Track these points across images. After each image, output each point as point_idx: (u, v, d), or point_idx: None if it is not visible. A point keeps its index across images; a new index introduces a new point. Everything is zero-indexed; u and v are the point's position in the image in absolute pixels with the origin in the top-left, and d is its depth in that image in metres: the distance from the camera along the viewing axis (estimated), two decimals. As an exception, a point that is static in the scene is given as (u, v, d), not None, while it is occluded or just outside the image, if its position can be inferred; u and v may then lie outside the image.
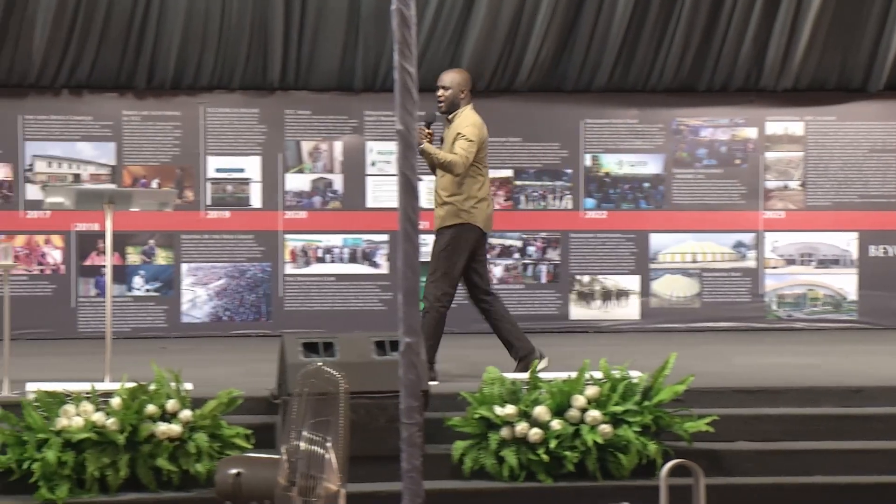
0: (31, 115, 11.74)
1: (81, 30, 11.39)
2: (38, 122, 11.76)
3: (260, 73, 11.97)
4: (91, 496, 6.78)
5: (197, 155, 12.01)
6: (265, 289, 12.07)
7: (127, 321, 11.71)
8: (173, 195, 9.04)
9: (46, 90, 11.73)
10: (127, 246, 11.87)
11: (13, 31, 11.29)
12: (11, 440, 6.80)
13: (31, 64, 11.47)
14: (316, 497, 5.01)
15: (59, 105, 11.77)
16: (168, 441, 6.92)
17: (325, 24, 11.74)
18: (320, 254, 12.18)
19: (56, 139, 11.77)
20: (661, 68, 12.30)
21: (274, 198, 12.09)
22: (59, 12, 11.22)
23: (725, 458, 7.46)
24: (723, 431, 7.47)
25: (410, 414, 4.80)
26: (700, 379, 7.70)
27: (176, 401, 7.03)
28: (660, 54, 12.24)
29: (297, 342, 7.29)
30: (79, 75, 11.71)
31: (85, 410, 6.90)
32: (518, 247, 12.40)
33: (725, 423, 7.50)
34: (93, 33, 11.43)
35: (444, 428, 7.26)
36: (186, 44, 11.63)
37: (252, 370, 8.86)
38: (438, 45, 11.91)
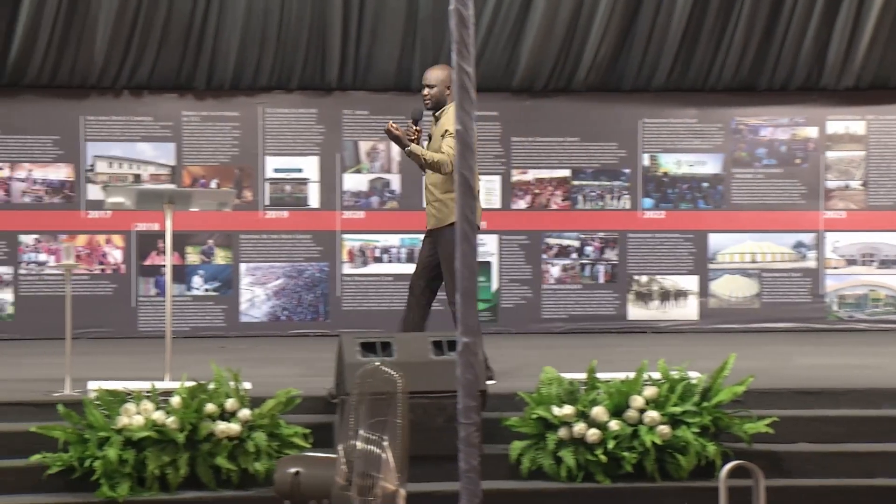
0: (93, 115, 11.85)
1: (142, 31, 11.48)
2: (100, 122, 11.87)
3: (318, 74, 12.02)
4: (151, 494, 6.82)
5: (255, 155, 12.07)
6: (323, 288, 12.11)
7: (186, 320, 11.79)
8: (232, 195, 9.08)
9: (107, 91, 11.83)
10: (186, 246, 11.95)
11: (75, 33, 11.39)
12: (73, 438, 6.86)
13: (93, 65, 11.57)
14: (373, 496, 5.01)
15: (120, 106, 11.87)
16: (227, 440, 6.95)
17: (383, 25, 11.76)
18: (378, 254, 12.21)
19: (117, 140, 11.87)
20: (721, 67, 12.22)
21: (332, 198, 12.13)
22: (120, 14, 11.32)
23: (786, 459, 7.39)
24: (783, 433, 7.41)
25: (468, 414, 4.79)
26: (760, 380, 7.63)
27: (235, 400, 7.06)
28: (719, 53, 12.16)
29: (355, 342, 7.30)
30: (139, 76, 11.80)
31: (145, 409, 6.94)
32: (576, 247, 12.36)
33: (786, 424, 7.43)
34: (153, 35, 11.52)
35: (501, 428, 7.25)
36: (245, 45, 11.69)
37: (310, 370, 8.89)
38: (496, 45, 11.89)
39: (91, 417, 6.91)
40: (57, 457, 6.83)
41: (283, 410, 7.16)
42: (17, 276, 11.74)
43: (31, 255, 11.77)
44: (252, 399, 7.14)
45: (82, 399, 7.08)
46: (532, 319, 12.29)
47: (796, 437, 7.57)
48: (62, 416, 6.96)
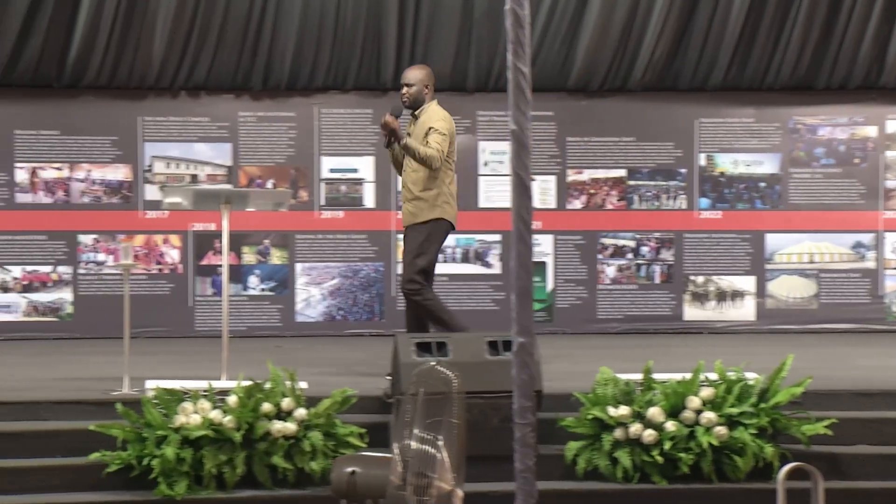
0: (150, 116, 11.94)
1: (199, 32, 11.55)
2: (157, 123, 11.95)
3: (374, 74, 12.04)
4: (209, 493, 6.86)
5: (311, 155, 12.11)
6: (378, 288, 12.13)
7: (242, 320, 11.84)
8: (288, 195, 9.12)
9: (165, 92, 11.91)
10: (242, 245, 12.01)
11: (133, 34, 11.48)
12: (132, 437, 6.91)
13: (151, 66, 11.66)
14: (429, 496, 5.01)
15: (177, 106, 11.95)
16: (283, 439, 6.98)
17: (439, 25, 11.77)
18: (431, 253, 12.19)
19: (174, 140, 11.95)
20: (779, 66, 12.13)
21: (387, 198, 12.15)
22: (177, 15, 11.39)
23: (845, 461, 7.33)
24: (842, 434, 7.34)
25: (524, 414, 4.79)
26: (818, 381, 7.57)
27: (291, 399, 7.09)
28: (777, 52, 12.07)
29: (411, 342, 7.31)
30: (196, 77, 11.87)
31: (202, 408, 6.98)
32: (631, 247, 12.32)
33: (845, 426, 7.37)
34: (210, 36, 11.59)
35: (557, 428, 7.23)
36: (301, 45, 11.73)
37: (365, 369, 8.91)
38: (552, 44, 11.87)
39: (149, 416, 6.96)
40: (115, 455, 6.88)
41: (338, 410, 7.18)
42: (77, 275, 11.85)
43: (90, 254, 11.88)
44: (308, 399, 7.17)
45: (140, 398, 7.13)
46: (587, 320, 12.25)
47: (855, 439, 7.50)
48: (121, 414, 7.01)
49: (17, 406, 7.40)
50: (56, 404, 7.43)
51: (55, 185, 11.81)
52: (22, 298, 11.80)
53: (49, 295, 11.83)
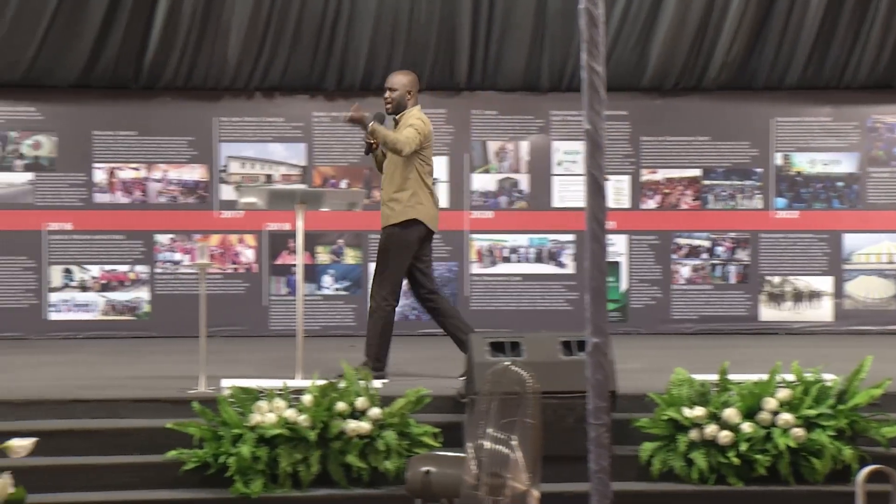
0: (226, 117, 12.03)
1: (274, 33, 11.63)
2: (232, 123, 12.05)
3: (447, 74, 12.06)
4: (284, 491, 6.90)
5: (384, 155, 12.12)
6: (452, 288, 12.14)
7: (317, 319, 11.91)
8: (362, 195, 9.13)
9: (240, 93, 12.01)
10: (317, 245, 12.07)
11: (209, 35, 11.58)
12: (208, 435, 6.96)
13: (226, 67, 11.75)
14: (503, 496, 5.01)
15: (252, 107, 12.04)
16: (358, 438, 6.99)
17: (512, 25, 11.76)
18: (506, 253, 12.21)
19: (249, 140, 12.04)
20: (857, 64, 12.00)
21: (460, 198, 12.16)
22: (253, 17, 11.47)
23: (924, 464, 7.22)
24: (921, 437, 7.24)
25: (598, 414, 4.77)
26: (898, 383, 7.47)
27: (365, 399, 7.10)
28: (855, 50, 11.93)
29: (484, 342, 7.30)
30: (271, 78, 11.95)
31: (277, 407, 7.02)
32: (706, 247, 12.23)
33: (925, 428, 7.26)
34: (285, 36, 11.66)
35: (631, 429, 7.20)
36: (375, 46, 11.77)
37: (439, 369, 8.91)
38: (626, 43, 11.82)
39: (225, 415, 7.01)
40: (192, 453, 6.94)
41: (412, 409, 7.19)
42: (154, 274, 11.98)
43: (167, 254, 11.99)
44: (382, 398, 7.18)
45: (216, 396, 7.18)
46: (662, 320, 12.19)
47: (936, 442, 7.39)
48: (197, 413, 7.07)
49: (96, 404, 7.49)
50: (134, 402, 7.51)
51: (132, 186, 11.95)
52: (100, 297, 11.94)
53: (126, 294, 11.97)
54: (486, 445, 5.06)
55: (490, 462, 5.03)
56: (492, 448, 5.06)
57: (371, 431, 7.02)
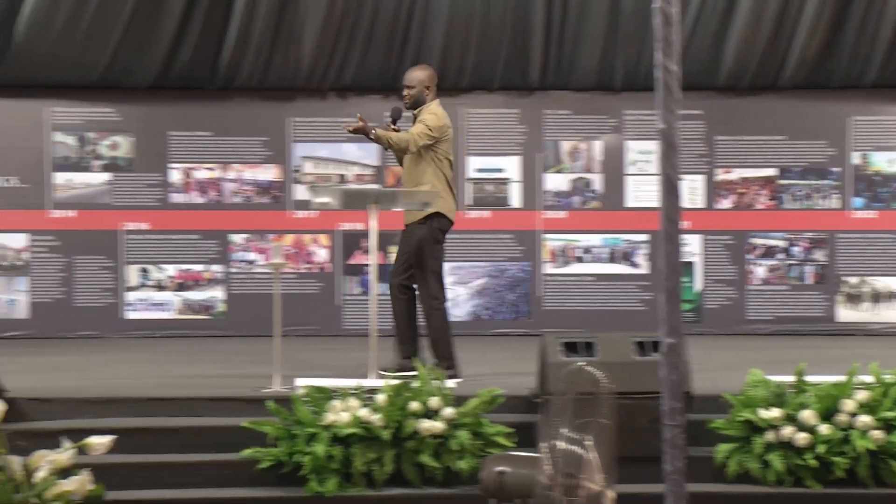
0: (300, 117, 12.10)
1: (348, 33, 11.68)
2: (306, 124, 12.11)
3: (520, 74, 12.05)
4: (358, 490, 6.91)
5: (457, 155, 12.14)
6: (525, 288, 12.13)
7: (389, 319, 11.89)
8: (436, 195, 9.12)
9: (314, 93, 12.07)
10: (390, 245, 12.09)
11: (284, 36, 11.65)
12: (283, 434, 7.00)
13: (300, 68, 11.82)
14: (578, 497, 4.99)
15: (326, 107, 12.10)
16: (431, 438, 7.00)
17: (586, 24, 11.72)
18: (579, 253, 12.17)
19: (323, 140, 12.10)
20: (936, 62, 11.85)
21: (533, 197, 12.15)
22: (327, 17, 11.53)
23: None
24: None
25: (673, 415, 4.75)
26: (978, 385, 7.34)
27: (439, 398, 7.11)
28: (935, 47, 11.79)
29: (558, 342, 7.28)
30: (345, 78, 12.01)
31: (351, 406, 7.04)
32: (782, 247, 12.12)
33: None
34: (359, 37, 11.70)
35: (706, 430, 7.14)
36: (448, 46, 11.79)
37: (512, 369, 8.90)
38: (701, 42, 11.74)
39: (299, 414, 7.04)
40: (267, 452, 6.98)
41: (486, 409, 7.18)
42: (228, 274, 12.07)
43: (241, 253, 12.09)
44: (455, 398, 7.18)
45: (291, 395, 7.21)
46: (737, 321, 12.10)
47: None
48: (272, 412, 7.10)
49: (172, 402, 7.56)
50: (210, 401, 7.56)
51: (207, 186, 12.05)
52: (176, 297, 12.06)
53: (202, 293, 12.07)
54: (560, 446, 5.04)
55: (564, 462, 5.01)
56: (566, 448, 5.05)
57: (444, 431, 7.02)
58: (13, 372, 8.12)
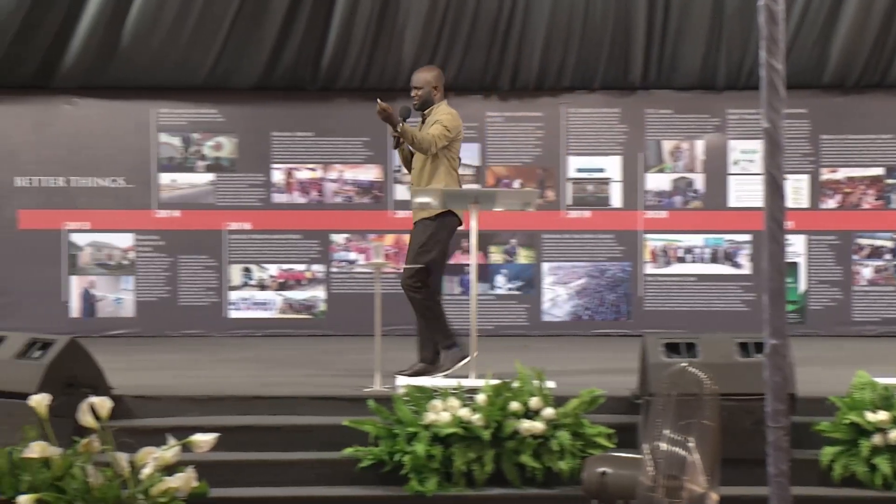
0: (400, 117, 12.12)
1: (449, 33, 11.70)
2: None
3: (621, 73, 11.99)
4: (458, 490, 6.92)
5: (558, 155, 12.13)
6: (625, 288, 12.07)
7: (489, 319, 11.94)
8: (536, 195, 9.14)
9: (415, 93, 12.09)
10: (490, 245, 12.11)
11: (385, 37, 11.71)
12: (383, 433, 7.03)
13: (402, 68, 11.86)
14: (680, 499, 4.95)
15: (427, 108, 12.11)
16: (532, 438, 6.99)
17: (688, 22, 11.63)
18: (681, 253, 12.08)
19: (423, 141, 12.11)
20: None
21: (634, 197, 12.08)
22: (428, 18, 11.57)
23: None
24: None
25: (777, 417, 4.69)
26: None
27: (539, 399, 7.09)
28: None
29: (659, 342, 7.24)
30: (445, 78, 11.99)
31: (452, 406, 7.05)
32: (889, 247, 11.93)
33: None
34: (459, 37, 11.72)
35: (811, 433, 7.04)
36: (550, 45, 11.76)
37: (613, 369, 8.86)
38: (806, 40, 11.59)
39: (400, 413, 7.06)
40: (368, 451, 7.01)
41: (586, 410, 7.16)
42: (329, 274, 12.16)
43: (342, 253, 12.16)
44: (556, 398, 7.16)
45: (392, 395, 7.25)
46: (842, 322, 11.92)
47: None
48: (373, 410, 7.14)
49: (275, 401, 7.63)
50: (311, 400, 7.62)
51: (309, 186, 12.14)
52: (278, 296, 12.17)
53: (303, 293, 12.17)
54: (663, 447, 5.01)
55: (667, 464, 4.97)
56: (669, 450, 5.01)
57: (545, 431, 7.00)
58: (119, 369, 8.25)
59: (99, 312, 12.07)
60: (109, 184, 12.07)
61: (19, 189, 12.01)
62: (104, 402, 5.94)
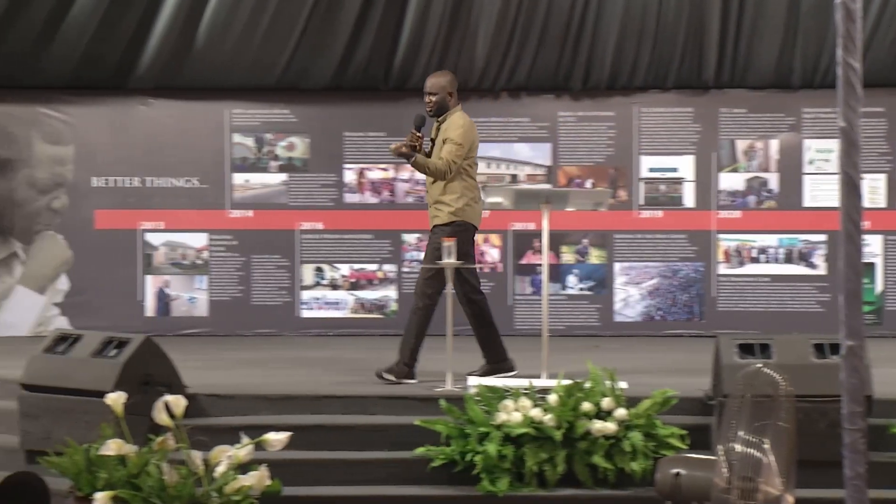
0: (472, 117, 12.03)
1: (521, 34, 11.69)
2: (479, 123, 12.02)
3: (695, 72, 11.92)
4: (530, 490, 6.92)
5: (630, 155, 12.07)
6: (698, 289, 11.99)
7: (561, 319, 11.92)
8: (608, 195, 9.09)
9: (487, 93, 12.10)
10: (561, 245, 12.08)
11: (457, 37, 11.72)
12: (455, 433, 7.03)
13: (473, 68, 11.87)
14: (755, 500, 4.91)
15: (499, 107, 12.12)
16: (603, 439, 6.97)
17: (763, 20, 11.54)
18: (754, 254, 11.98)
19: (495, 140, 12.12)
20: None
21: (707, 197, 12.00)
22: (500, 18, 11.56)
23: None
24: None
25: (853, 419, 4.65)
26: None
27: (611, 399, 7.07)
28: None
29: (733, 343, 7.19)
30: (517, 78, 12.02)
31: (523, 406, 7.04)
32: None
33: None
34: (532, 37, 11.71)
35: (887, 435, 6.96)
36: (622, 44, 11.72)
37: (685, 370, 8.81)
38: (884, 38, 11.47)
39: (471, 413, 7.07)
40: (439, 450, 7.02)
41: (658, 411, 7.12)
42: (401, 273, 12.18)
43: (413, 253, 12.18)
44: (627, 399, 7.14)
45: (463, 395, 7.25)
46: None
47: None
48: (444, 410, 7.15)
49: (347, 400, 7.66)
50: (383, 399, 7.65)
51: (381, 186, 12.18)
52: (350, 296, 12.22)
53: (375, 292, 12.21)
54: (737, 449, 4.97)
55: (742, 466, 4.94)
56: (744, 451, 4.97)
57: (617, 432, 6.98)
58: (193, 368, 8.33)
59: (173, 311, 12.19)
60: (184, 184, 12.18)
61: (96, 189, 12.15)
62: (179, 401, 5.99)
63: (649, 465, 6.77)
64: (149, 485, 5.81)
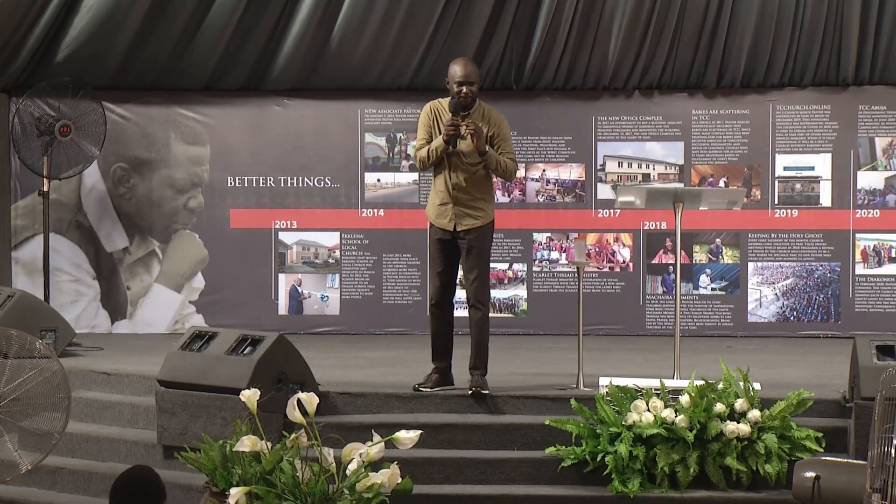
0: (604, 116, 12.08)
1: (655, 32, 11.60)
2: (611, 122, 12.08)
3: (833, 69, 11.72)
4: (661, 491, 6.87)
5: (765, 153, 11.90)
6: (834, 289, 11.78)
7: (693, 319, 11.80)
8: (742, 194, 8.94)
9: (619, 92, 12.03)
10: (694, 244, 11.96)
11: (590, 36, 11.67)
12: (586, 433, 7.02)
13: (606, 67, 11.81)
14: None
15: (631, 106, 12.04)
16: (737, 440, 6.89)
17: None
18: (894, 254, 11.74)
19: (627, 139, 12.05)
20: None
21: (844, 196, 11.78)
22: (633, 16, 11.49)
23: None
24: None
25: None
26: None
27: (744, 400, 6.99)
28: None
29: (870, 345, 7.06)
30: (650, 77, 11.93)
31: (655, 406, 7.00)
32: None
33: None
34: (665, 35, 11.62)
35: None
36: (758, 42, 11.57)
37: (821, 372, 8.67)
38: None
39: (602, 413, 7.05)
40: (570, 450, 7.01)
41: (793, 412, 7.03)
42: (531, 272, 12.17)
43: (544, 252, 12.16)
44: (762, 400, 7.05)
45: (594, 395, 7.23)
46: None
47: None
48: (575, 410, 7.14)
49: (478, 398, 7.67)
50: (515, 399, 7.66)
51: (512, 185, 12.17)
52: (481, 295, 12.21)
53: (505, 292, 12.20)
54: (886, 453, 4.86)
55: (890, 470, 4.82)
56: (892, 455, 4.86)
57: (751, 434, 6.90)
58: (326, 366, 8.42)
59: (306, 310, 12.32)
60: (317, 183, 12.30)
61: (231, 189, 12.33)
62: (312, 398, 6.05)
63: (784, 468, 6.68)
64: (282, 481, 5.87)
